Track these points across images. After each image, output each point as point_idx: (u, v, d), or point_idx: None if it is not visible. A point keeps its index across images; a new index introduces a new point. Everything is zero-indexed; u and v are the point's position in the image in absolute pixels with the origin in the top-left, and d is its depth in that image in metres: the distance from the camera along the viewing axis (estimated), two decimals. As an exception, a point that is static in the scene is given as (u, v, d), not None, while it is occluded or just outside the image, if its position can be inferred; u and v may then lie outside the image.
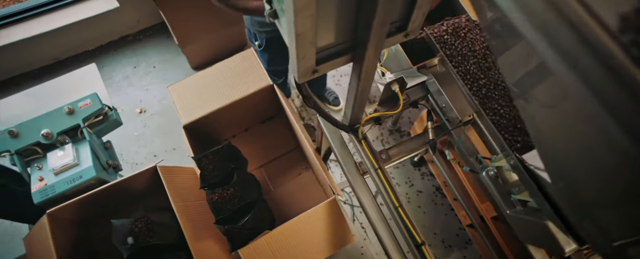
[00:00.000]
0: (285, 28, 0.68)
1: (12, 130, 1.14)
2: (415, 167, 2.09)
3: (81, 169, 1.13)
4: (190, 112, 1.16)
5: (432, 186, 2.05)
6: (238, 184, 1.00)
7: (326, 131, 1.03)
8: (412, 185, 2.05)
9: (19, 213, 1.32)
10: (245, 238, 0.99)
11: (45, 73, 2.25)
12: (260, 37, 1.40)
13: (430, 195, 2.04)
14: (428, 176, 2.08)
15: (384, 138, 2.11)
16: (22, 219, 1.38)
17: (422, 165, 2.10)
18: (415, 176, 2.08)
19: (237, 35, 2.25)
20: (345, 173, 0.99)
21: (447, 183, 2.04)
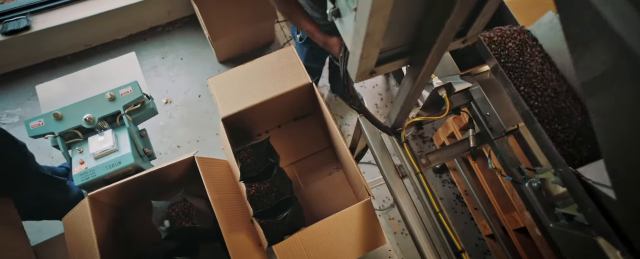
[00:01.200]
0: (349, 27, 0.68)
1: (56, 113, 1.17)
2: (436, 174, 2.08)
3: (120, 155, 1.16)
4: (229, 105, 1.17)
5: (452, 193, 2.04)
6: (276, 179, 1.00)
7: (366, 133, 1.03)
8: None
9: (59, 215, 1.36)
10: (281, 234, 1.00)
11: (77, 59, 2.29)
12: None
13: (450, 202, 2.03)
14: (449, 184, 2.07)
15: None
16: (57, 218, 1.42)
17: (443, 172, 2.09)
18: (435, 182, 2.07)
19: (266, 32, 2.27)
20: (384, 175, 0.99)
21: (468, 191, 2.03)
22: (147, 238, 1.20)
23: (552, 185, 0.85)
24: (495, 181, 1.81)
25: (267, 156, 1.05)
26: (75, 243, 1.05)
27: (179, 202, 1.02)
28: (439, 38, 0.64)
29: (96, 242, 1.00)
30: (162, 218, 0.97)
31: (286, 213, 0.95)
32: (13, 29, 1.94)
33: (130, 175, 1.17)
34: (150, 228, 1.22)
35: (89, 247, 1.01)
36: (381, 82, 2.32)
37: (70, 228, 1.07)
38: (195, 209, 0.99)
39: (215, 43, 2.06)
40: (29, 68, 2.23)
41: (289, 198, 1.00)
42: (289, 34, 2.42)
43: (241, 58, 2.33)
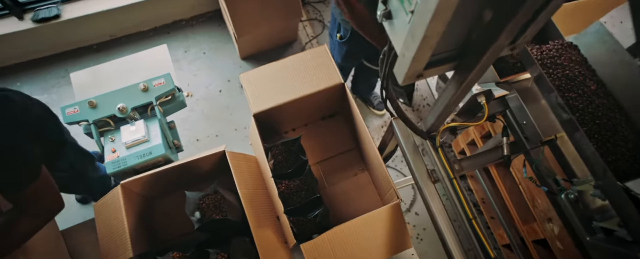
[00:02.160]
0: (401, 29, 0.68)
1: (91, 101, 1.19)
2: (453, 180, 2.07)
3: (151, 146, 1.17)
4: (260, 101, 1.18)
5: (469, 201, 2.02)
6: (308, 178, 1.01)
7: (400, 136, 1.03)
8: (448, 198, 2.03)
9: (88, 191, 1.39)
10: (310, 232, 1.00)
11: (102, 49, 2.32)
12: (345, 27, 1.40)
13: (466, 210, 2.01)
14: (467, 191, 2.06)
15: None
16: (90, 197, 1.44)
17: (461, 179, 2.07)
18: (452, 189, 2.05)
19: (289, 30, 2.28)
20: (416, 179, 0.99)
21: (486, 199, 2.02)
22: (174, 229, 1.21)
23: (591, 198, 0.84)
24: (515, 191, 1.80)
25: (299, 154, 1.05)
26: (106, 229, 1.06)
27: (210, 194, 1.03)
28: (494, 44, 0.64)
29: (127, 230, 1.01)
30: (194, 209, 0.98)
31: (317, 211, 0.96)
32: (44, 17, 1.98)
33: (160, 166, 1.18)
34: (177, 219, 1.24)
35: (120, 234, 1.03)
36: (401, 86, 2.31)
37: (102, 214, 1.08)
38: (227, 201, 1.00)
39: (240, 40, 2.07)
40: (56, 56, 2.27)
41: (320, 197, 1.01)
42: (312, 32, 2.43)
43: (263, 56, 2.34)
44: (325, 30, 2.46)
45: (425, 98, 2.28)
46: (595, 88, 0.84)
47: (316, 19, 2.48)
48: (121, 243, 1.02)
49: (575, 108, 0.82)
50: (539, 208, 1.57)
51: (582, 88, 0.84)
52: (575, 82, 0.85)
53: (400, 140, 1.03)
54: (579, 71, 0.86)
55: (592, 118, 0.81)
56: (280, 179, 1.04)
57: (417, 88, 2.32)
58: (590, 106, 0.82)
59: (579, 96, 0.84)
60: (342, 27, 1.43)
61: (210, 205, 1.04)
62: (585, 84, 0.84)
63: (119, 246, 1.03)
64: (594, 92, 0.84)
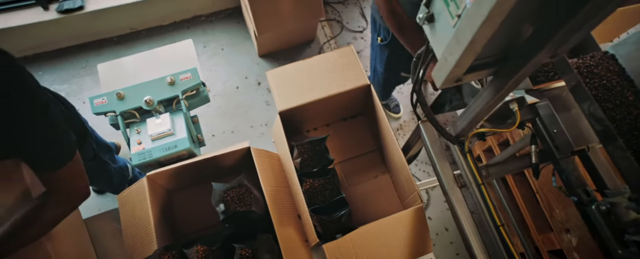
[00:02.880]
0: (444, 33, 0.68)
1: (119, 92, 1.20)
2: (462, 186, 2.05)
3: (176, 139, 1.18)
4: (286, 99, 1.18)
5: (483, 208, 2.01)
6: (334, 178, 1.01)
7: (427, 139, 1.03)
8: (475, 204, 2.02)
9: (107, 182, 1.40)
10: (333, 232, 1.00)
11: (122, 41, 2.35)
12: (385, 28, 1.38)
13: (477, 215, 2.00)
14: (480, 198, 2.04)
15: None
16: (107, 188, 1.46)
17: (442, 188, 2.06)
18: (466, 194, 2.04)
19: (309, 30, 2.28)
20: (443, 183, 0.99)
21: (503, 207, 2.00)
22: (194, 223, 1.22)
23: (624, 210, 0.83)
24: (531, 200, 1.78)
25: (325, 153, 1.05)
26: (130, 220, 1.07)
27: (235, 187, 1.03)
28: (541, 52, 0.63)
29: (152, 222, 1.02)
30: (219, 200, 0.99)
31: (344, 211, 0.96)
32: (68, 8, 2.00)
33: (183, 159, 1.19)
34: (197, 213, 1.25)
35: (145, 226, 1.04)
36: (418, 89, 2.30)
37: (126, 205, 1.09)
38: (253, 195, 1.00)
39: (260, 37, 2.08)
40: (77, 47, 2.30)
41: (344, 197, 1.01)
42: (330, 33, 2.43)
43: (281, 54, 2.35)
44: (343, 31, 2.46)
45: (441, 103, 2.26)
46: (633, 99, 0.83)
47: (335, 19, 2.48)
48: (146, 234, 1.03)
49: (613, 119, 0.82)
50: (556, 218, 1.56)
51: (620, 98, 0.83)
52: (613, 92, 0.84)
53: (427, 144, 1.02)
54: (616, 81, 0.85)
55: (630, 129, 0.80)
56: (305, 177, 1.04)
57: (433, 92, 2.31)
58: (627, 117, 0.81)
59: (616, 107, 0.83)
60: (382, 28, 1.42)
61: (234, 198, 1.05)
62: (623, 95, 0.83)
63: (144, 238, 1.04)
64: (632, 103, 0.83)
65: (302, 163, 1.05)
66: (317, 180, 1.04)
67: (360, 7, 2.53)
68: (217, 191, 0.99)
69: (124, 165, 1.54)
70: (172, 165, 1.10)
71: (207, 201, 1.25)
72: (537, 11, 0.62)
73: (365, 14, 2.51)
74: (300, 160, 1.02)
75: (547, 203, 1.58)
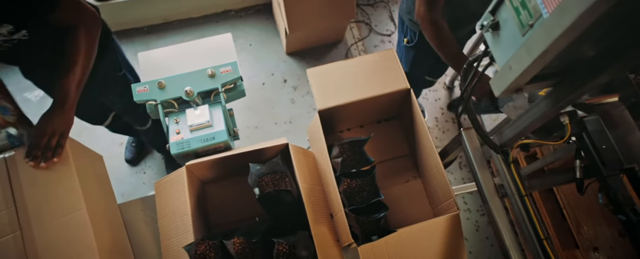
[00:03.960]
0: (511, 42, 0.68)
1: (160, 82, 1.22)
2: (489, 197, 2.03)
3: (214, 131, 1.19)
4: (326, 98, 1.19)
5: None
6: (374, 179, 1.01)
7: (469, 147, 1.02)
8: (484, 214, 2.00)
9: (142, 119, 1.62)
10: (370, 233, 1.00)
11: (153, 31, 2.38)
12: (412, 30, 1.39)
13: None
14: (501, 209, 2.02)
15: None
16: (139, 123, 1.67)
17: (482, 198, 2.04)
18: (488, 206, 2.02)
19: (338, 30, 2.28)
20: (483, 193, 0.98)
21: (522, 220, 1.97)
22: (226, 215, 1.23)
23: (676, 232, 0.81)
24: (557, 215, 1.76)
25: (365, 155, 1.05)
26: (166, 209, 1.09)
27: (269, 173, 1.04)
28: (614, 67, 0.62)
29: (190, 212, 1.03)
30: (255, 182, 1.00)
31: (384, 213, 0.95)
32: (106, -5, 2.04)
33: (219, 151, 1.20)
34: (229, 206, 1.26)
35: (182, 215, 1.05)
36: (444, 97, 2.29)
37: (163, 193, 1.10)
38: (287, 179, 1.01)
39: (291, 35, 2.09)
40: (109, 34, 2.34)
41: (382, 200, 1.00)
42: (358, 35, 2.43)
43: (308, 53, 2.36)
44: (371, 33, 2.46)
45: (467, 111, 2.24)
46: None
47: (363, 21, 2.48)
48: (182, 223, 1.04)
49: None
50: (584, 236, 1.53)
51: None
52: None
53: (468, 152, 1.02)
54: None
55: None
56: (344, 177, 1.04)
57: (459, 101, 2.29)
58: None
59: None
60: (409, 30, 1.42)
61: (268, 183, 1.06)
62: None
63: (180, 227, 1.05)
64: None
65: (342, 163, 1.05)
66: (354, 181, 1.04)
67: (389, 10, 2.53)
68: (254, 172, 1.00)
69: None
70: (211, 156, 1.11)
71: (239, 195, 1.26)
72: (614, 25, 0.61)
73: (393, 18, 2.50)
74: (341, 159, 1.02)
75: (574, 219, 1.56)
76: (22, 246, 0.94)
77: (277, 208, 1.02)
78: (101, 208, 1.11)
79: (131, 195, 1.97)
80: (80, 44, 1.03)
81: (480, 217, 2.00)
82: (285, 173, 1.05)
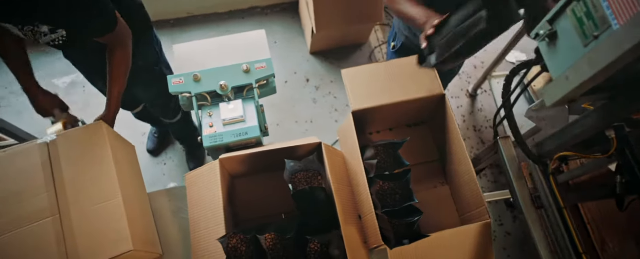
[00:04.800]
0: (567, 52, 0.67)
1: (196, 74, 1.23)
2: (508, 207, 2.02)
3: (246, 126, 1.20)
4: (360, 99, 1.19)
5: (522, 232, 1.97)
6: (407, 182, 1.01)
7: (505, 156, 1.01)
8: (502, 224, 1.98)
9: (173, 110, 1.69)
10: (401, 237, 1.00)
11: (178, 24, 2.40)
12: (399, 37, 1.42)
13: (519, 239, 1.96)
14: (520, 221, 2.00)
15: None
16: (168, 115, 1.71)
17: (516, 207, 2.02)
18: (506, 216, 2.01)
19: (364, 32, 2.28)
20: (518, 202, 0.97)
21: (542, 233, 1.94)
22: (253, 210, 1.24)
23: None
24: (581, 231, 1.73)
25: (400, 158, 1.05)
26: (197, 200, 1.09)
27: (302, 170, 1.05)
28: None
29: (222, 205, 1.04)
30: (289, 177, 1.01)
31: (418, 217, 0.95)
32: (137, -14, 2.05)
33: (250, 147, 1.21)
34: (256, 201, 1.26)
35: (213, 208, 1.05)
36: (466, 104, 2.28)
37: (194, 185, 1.11)
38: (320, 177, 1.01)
39: (317, 34, 2.09)
40: (136, 25, 2.36)
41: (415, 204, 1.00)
42: (383, 38, 2.43)
43: (331, 53, 2.36)
44: (395, 36, 2.45)
45: (488, 120, 2.23)
46: None
47: (388, 24, 2.48)
48: (213, 216, 1.05)
49: None
50: (608, 252, 1.51)
51: None
52: None
53: (505, 161, 1.01)
54: None
55: None
56: (379, 179, 1.04)
57: (481, 109, 2.28)
58: None
59: None
60: (397, 36, 1.45)
61: (301, 180, 1.06)
62: None
63: (210, 219, 1.05)
64: None
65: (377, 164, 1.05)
66: (387, 183, 1.04)
67: (414, 14, 2.52)
68: (288, 168, 1.01)
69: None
70: (244, 151, 1.11)
71: (267, 191, 1.27)
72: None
73: (419, 22, 2.49)
74: (376, 161, 1.02)
75: (599, 235, 1.53)
76: (60, 229, 0.96)
77: (309, 205, 1.02)
78: (134, 196, 1.12)
79: (152, 185, 1.99)
80: (121, 61, 1.13)
81: (498, 227, 1.98)
82: (318, 172, 1.05)
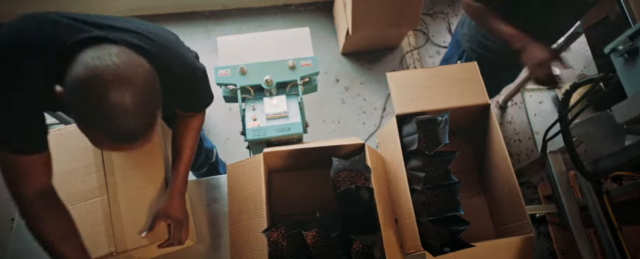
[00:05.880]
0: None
1: (242, 67, 1.24)
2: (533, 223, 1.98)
3: (290, 122, 1.20)
4: (405, 103, 1.18)
5: (546, 248, 1.94)
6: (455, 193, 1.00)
7: (554, 172, 1.00)
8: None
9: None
10: (442, 245, 0.99)
11: (213, 17, 2.43)
12: (469, 56, 1.40)
13: (541, 256, 1.93)
14: (544, 237, 1.97)
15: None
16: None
17: (541, 224, 1.99)
18: (530, 232, 1.97)
19: (397, 36, 2.28)
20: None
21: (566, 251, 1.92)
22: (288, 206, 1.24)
23: None
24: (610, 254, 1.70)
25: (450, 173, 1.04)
26: (238, 192, 1.10)
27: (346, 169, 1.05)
28: None
29: (265, 198, 1.04)
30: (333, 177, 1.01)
31: (464, 227, 0.94)
32: (178, -23, 2.09)
33: (291, 143, 1.21)
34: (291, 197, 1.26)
35: (255, 200, 1.06)
36: (496, 116, 2.25)
37: (236, 177, 1.12)
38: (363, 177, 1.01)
39: (352, 35, 2.09)
40: (167, 16, 2.39)
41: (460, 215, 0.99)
42: (414, 43, 2.42)
43: (362, 55, 2.36)
44: (427, 43, 2.44)
45: (518, 133, 2.20)
46: None
47: (421, 30, 2.47)
48: (254, 209, 1.06)
49: None
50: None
51: None
52: None
53: (554, 177, 0.99)
54: None
55: None
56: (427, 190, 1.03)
57: (511, 121, 2.25)
58: None
59: None
60: (465, 54, 1.43)
61: (345, 179, 1.06)
62: None
63: (251, 212, 1.06)
64: None
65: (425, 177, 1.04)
66: (430, 190, 1.04)
67: (448, 22, 2.50)
68: (335, 165, 1.01)
69: (211, 147, 1.58)
70: (288, 147, 1.12)
71: (303, 188, 1.27)
72: None
73: (452, 31, 2.47)
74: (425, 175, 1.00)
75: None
76: (108, 210, 0.97)
77: (351, 205, 1.02)
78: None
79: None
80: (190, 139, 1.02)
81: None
82: (361, 172, 1.05)
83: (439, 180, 1.04)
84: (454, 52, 1.52)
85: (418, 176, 1.01)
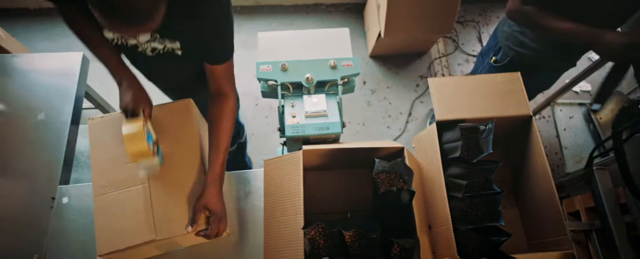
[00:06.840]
0: None
1: (284, 64, 1.25)
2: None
3: (328, 121, 1.21)
4: (446, 110, 1.17)
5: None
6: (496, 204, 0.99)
7: (601, 189, 0.98)
8: None
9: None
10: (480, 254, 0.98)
11: (244, 12, 2.45)
12: (506, 52, 1.38)
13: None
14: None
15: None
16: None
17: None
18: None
19: (428, 42, 2.27)
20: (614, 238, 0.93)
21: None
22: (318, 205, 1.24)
23: None
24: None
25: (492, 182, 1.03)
26: (275, 187, 1.10)
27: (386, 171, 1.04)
28: None
29: (302, 195, 1.04)
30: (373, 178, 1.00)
31: (505, 238, 0.93)
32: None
33: (328, 142, 1.22)
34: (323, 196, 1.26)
35: (292, 197, 1.06)
36: (523, 127, 2.21)
37: (273, 172, 1.12)
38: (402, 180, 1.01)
39: (384, 38, 2.08)
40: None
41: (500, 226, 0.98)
42: (443, 50, 2.40)
43: (391, 59, 2.35)
44: (456, 51, 2.42)
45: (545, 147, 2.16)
46: None
47: (451, 38, 2.45)
48: (291, 205, 1.06)
49: None
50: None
51: None
52: None
53: (601, 193, 0.97)
54: None
55: None
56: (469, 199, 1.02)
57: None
58: None
59: None
60: (502, 51, 1.41)
61: (384, 180, 1.06)
62: None
63: (288, 208, 1.06)
64: None
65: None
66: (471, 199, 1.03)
67: (478, 31, 2.48)
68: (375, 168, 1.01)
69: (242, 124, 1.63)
70: (327, 146, 1.12)
71: (336, 188, 1.27)
72: None
73: (482, 40, 2.45)
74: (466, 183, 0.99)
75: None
76: (149, 198, 0.99)
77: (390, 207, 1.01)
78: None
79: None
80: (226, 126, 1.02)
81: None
82: (400, 175, 1.05)
83: (479, 189, 1.03)
84: (491, 47, 1.50)
85: (459, 184, 1.00)
